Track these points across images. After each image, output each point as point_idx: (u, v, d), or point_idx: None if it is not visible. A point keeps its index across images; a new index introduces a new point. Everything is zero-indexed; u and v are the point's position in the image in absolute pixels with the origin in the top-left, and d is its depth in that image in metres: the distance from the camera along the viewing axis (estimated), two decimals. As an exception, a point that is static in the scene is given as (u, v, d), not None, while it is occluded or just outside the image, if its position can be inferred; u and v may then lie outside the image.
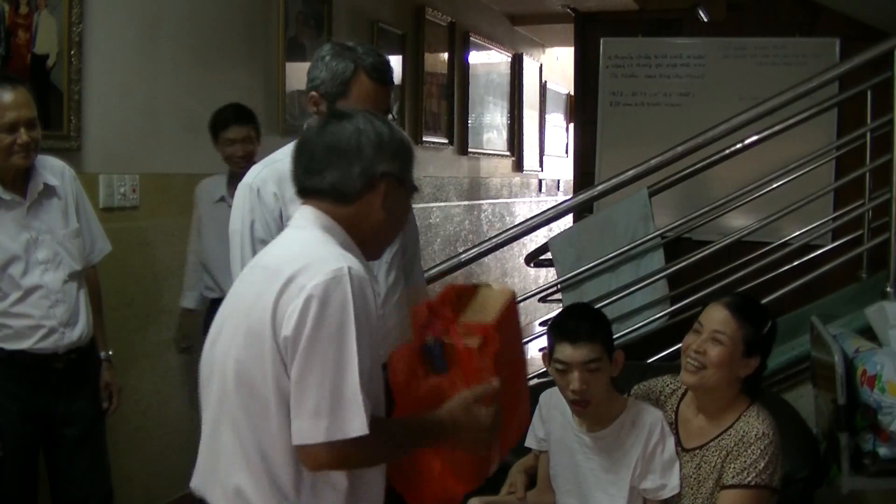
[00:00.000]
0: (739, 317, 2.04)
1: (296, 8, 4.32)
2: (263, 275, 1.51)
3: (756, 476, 1.98)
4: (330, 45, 2.13)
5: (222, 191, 3.42)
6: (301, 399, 1.41)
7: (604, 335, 2.10)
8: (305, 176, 1.59)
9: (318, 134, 1.58)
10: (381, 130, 1.57)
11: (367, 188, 1.56)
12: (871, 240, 3.64)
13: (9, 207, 2.45)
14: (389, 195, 1.58)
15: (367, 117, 1.59)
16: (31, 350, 2.49)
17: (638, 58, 5.47)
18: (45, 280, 2.50)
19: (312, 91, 2.12)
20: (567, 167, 8.03)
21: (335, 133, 1.56)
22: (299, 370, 1.42)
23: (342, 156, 1.55)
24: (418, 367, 1.63)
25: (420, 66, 5.73)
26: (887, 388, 2.33)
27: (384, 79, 2.10)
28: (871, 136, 3.71)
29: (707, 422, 2.11)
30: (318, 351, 1.41)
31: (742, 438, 2.03)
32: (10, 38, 2.88)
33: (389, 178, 1.57)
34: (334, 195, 1.56)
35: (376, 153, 1.55)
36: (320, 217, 1.56)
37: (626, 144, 5.32)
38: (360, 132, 1.55)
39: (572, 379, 2.07)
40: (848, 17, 5.05)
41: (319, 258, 1.47)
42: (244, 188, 2.13)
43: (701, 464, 2.07)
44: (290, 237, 1.60)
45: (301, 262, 1.47)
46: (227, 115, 3.40)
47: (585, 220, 4.16)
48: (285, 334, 1.42)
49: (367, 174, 1.55)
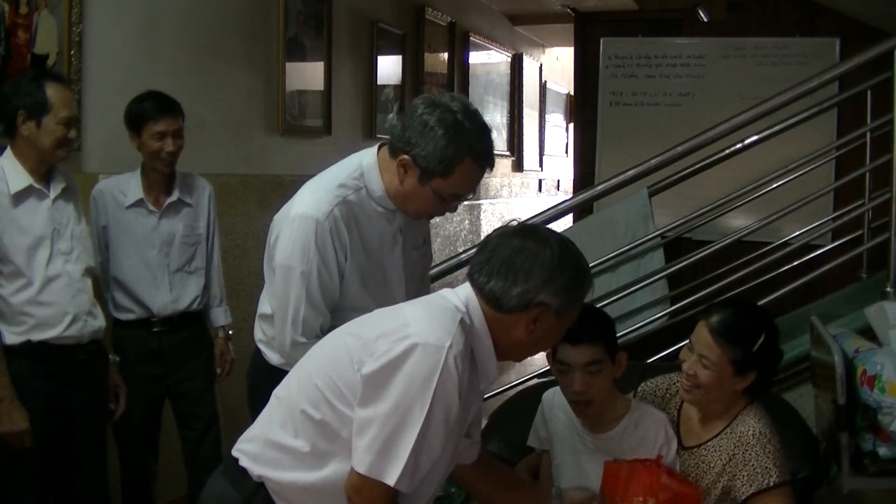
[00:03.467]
0: (722, 341, 1.99)
1: (296, 8, 4.32)
2: (388, 312, 1.68)
3: (776, 476, 1.98)
4: (439, 114, 1.93)
5: (137, 193, 2.92)
6: (362, 431, 1.55)
7: (606, 336, 2.10)
8: (477, 269, 1.67)
9: (505, 239, 1.66)
10: (561, 264, 1.63)
11: (521, 308, 1.63)
12: (871, 240, 3.64)
13: (39, 197, 2.57)
14: (541, 322, 1.65)
15: (560, 246, 1.65)
16: (57, 340, 2.54)
17: (638, 58, 5.48)
18: (68, 269, 2.59)
19: (406, 155, 1.96)
20: (567, 167, 8.04)
21: (517, 249, 1.63)
22: (369, 407, 1.55)
23: (511, 272, 1.62)
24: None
25: (420, 66, 5.73)
26: (887, 388, 2.33)
27: (491, 164, 2.01)
28: (870, 136, 3.71)
29: (707, 421, 2.11)
30: (392, 395, 1.52)
31: (740, 440, 2.02)
32: (10, 38, 2.88)
33: (546, 308, 1.63)
34: (491, 300, 1.64)
35: (544, 283, 1.62)
36: (473, 303, 1.66)
37: (626, 144, 5.32)
38: (541, 261, 1.62)
39: (574, 380, 2.06)
40: (848, 16, 5.05)
41: (436, 325, 1.57)
42: (309, 221, 1.98)
43: (699, 462, 2.07)
44: (435, 298, 1.69)
45: (420, 317, 1.59)
46: (154, 105, 2.89)
47: (585, 220, 4.17)
48: (369, 369, 1.55)
49: (524, 298, 1.62)
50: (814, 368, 2.78)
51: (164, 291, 2.94)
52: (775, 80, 4.51)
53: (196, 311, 3.03)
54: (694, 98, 5.34)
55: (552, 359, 2.13)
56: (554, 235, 1.69)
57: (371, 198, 2.06)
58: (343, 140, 4.83)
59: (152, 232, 2.94)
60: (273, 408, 1.71)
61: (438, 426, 1.54)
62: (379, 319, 1.67)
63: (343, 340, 1.66)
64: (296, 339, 2.00)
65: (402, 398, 1.52)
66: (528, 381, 3.56)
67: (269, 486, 1.65)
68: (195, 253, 3.02)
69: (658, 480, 1.94)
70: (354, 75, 4.95)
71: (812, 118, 3.75)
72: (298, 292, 2.00)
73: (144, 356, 2.90)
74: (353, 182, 2.05)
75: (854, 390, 2.39)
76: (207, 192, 3.09)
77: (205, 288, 3.06)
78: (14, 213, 2.50)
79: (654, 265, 3.69)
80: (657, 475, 1.95)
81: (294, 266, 1.99)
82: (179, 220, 2.99)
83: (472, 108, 1.99)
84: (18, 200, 2.51)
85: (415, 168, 1.95)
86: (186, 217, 3.00)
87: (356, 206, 2.03)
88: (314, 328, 2.02)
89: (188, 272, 3.00)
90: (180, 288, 2.97)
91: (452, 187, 1.98)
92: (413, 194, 2.01)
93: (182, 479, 3.15)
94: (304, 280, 1.99)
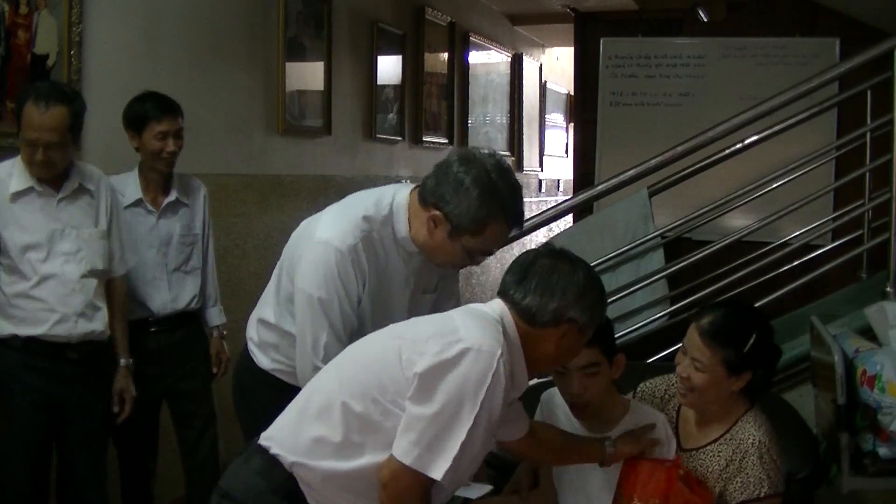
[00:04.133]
0: (713, 343, 1.99)
1: (296, 8, 4.32)
2: (435, 318, 1.81)
3: (767, 487, 1.98)
4: (475, 173, 1.94)
5: (136, 193, 2.93)
6: (411, 426, 1.66)
7: (603, 339, 2.09)
8: (513, 285, 1.80)
9: (540, 260, 1.80)
10: (589, 284, 1.80)
11: (553, 323, 1.77)
12: (871, 240, 3.64)
13: (41, 196, 2.59)
14: (568, 337, 1.79)
15: (587, 268, 1.82)
16: (44, 337, 2.56)
17: (638, 58, 5.47)
18: (65, 270, 2.59)
19: (437, 210, 1.97)
20: (567, 167, 8.03)
21: (551, 268, 1.78)
22: (421, 404, 1.66)
23: (548, 290, 1.76)
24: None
25: (420, 66, 5.73)
26: (887, 388, 2.33)
27: (521, 224, 2.05)
28: (870, 136, 3.71)
29: (706, 424, 2.11)
30: (444, 395, 1.64)
31: (738, 447, 2.02)
32: (10, 38, 2.88)
33: (574, 324, 1.78)
34: (526, 314, 1.77)
35: (576, 301, 1.76)
36: (506, 315, 1.78)
37: (626, 144, 5.32)
38: (574, 280, 1.77)
39: (571, 382, 2.07)
40: (848, 17, 5.05)
41: (487, 333, 1.70)
42: (332, 251, 1.99)
43: (697, 466, 2.07)
44: (477, 309, 1.80)
45: (470, 325, 1.71)
46: (156, 106, 2.90)
47: (585, 220, 4.17)
48: (423, 367, 1.66)
49: (558, 314, 1.76)
50: (814, 368, 2.77)
51: (162, 291, 2.95)
52: (775, 80, 4.51)
53: (193, 311, 3.04)
54: (694, 98, 5.34)
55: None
56: (580, 259, 1.85)
57: (394, 237, 2.06)
58: (343, 140, 4.83)
59: (150, 232, 2.94)
60: (307, 399, 1.80)
61: (482, 428, 1.67)
62: (427, 323, 1.81)
63: (389, 341, 1.77)
64: (317, 364, 2.01)
65: (454, 398, 1.64)
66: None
67: (301, 475, 1.73)
68: (192, 253, 3.03)
69: (674, 485, 1.95)
70: (354, 75, 4.95)
71: (812, 118, 3.75)
72: (321, 320, 2.01)
73: (142, 356, 2.90)
74: (380, 217, 2.04)
75: (854, 390, 2.39)
76: (202, 192, 3.11)
77: (200, 288, 3.06)
78: (14, 209, 2.56)
79: (653, 265, 3.69)
80: (674, 479, 1.96)
81: (316, 294, 2.00)
82: (177, 221, 3.00)
83: (506, 165, 2.01)
84: (17, 199, 2.56)
85: (446, 223, 1.96)
86: (184, 217, 3.01)
87: (377, 242, 2.04)
88: (330, 356, 2.02)
89: (185, 272, 3.01)
90: (178, 287, 2.98)
91: (482, 244, 2.01)
92: (441, 248, 2.03)
93: (180, 480, 3.15)
94: (325, 308, 2.00)
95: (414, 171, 5.77)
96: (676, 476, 1.97)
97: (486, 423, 1.67)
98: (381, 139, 5.26)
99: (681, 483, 1.96)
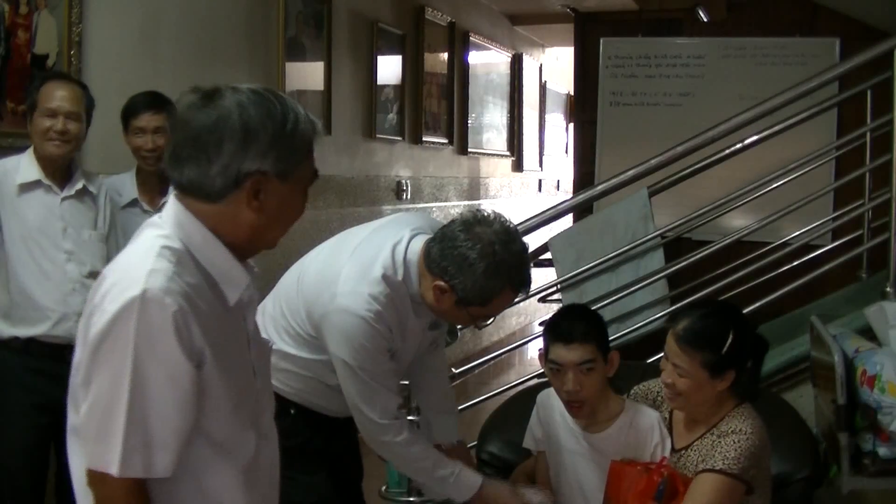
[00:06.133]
0: (690, 348, 1.99)
1: (296, 8, 4.32)
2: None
3: (724, 463, 1.95)
4: (480, 249, 1.90)
5: (132, 193, 2.90)
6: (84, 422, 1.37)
7: (598, 336, 2.10)
8: (168, 164, 1.37)
9: (186, 117, 1.35)
10: (253, 118, 1.33)
11: (231, 187, 1.34)
12: (870, 240, 3.63)
13: (47, 192, 2.62)
14: (264, 194, 1.35)
15: (243, 99, 1.34)
16: (44, 338, 2.57)
17: (638, 58, 5.47)
18: (67, 268, 2.61)
19: (442, 282, 1.94)
20: (567, 167, 8.04)
21: (200, 121, 1.33)
22: (83, 395, 1.36)
23: (201, 150, 1.33)
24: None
25: (420, 66, 5.73)
26: (887, 388, 2.33)
27: (527, 289, 2.04)
28: (870, 136, 3.70)
29: (693, 424, 2.11)
30: (98, 380, 1.31)
31: (720, 436, 2.02)
32: (10, 37, 2.89)
33: (261, 176, 1.34)
34: (194, 192, 1.35)
35: (240, 148, 1.32)
36: (179, 213, 1.37)
37: (626, 144, 5.31)
38: (225, 122, 1.32)
39: (566, 380, 2.07)
40: (848, 17, 5.05)
41: (126, 277, 1.30)
42: (355, 319, 1.96)
43: (686, 464, 2.07)
44: (138, 238, 1.40)
45: (114, 277, 1.33)
46: (136, 101, 2.87)
47: (585, 220, 4.16)
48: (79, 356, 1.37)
49: (227, 174, 1.33)
50: (814, 368, 2.77)
51: None
52: (775, 80, 4.50)
53: None
54: (694, 98, 5.34)
55: (545, 359, 2.14)
56: (229, 89, 1.37)
57: (408, 291, 2.04)
58: (343, 140, 4.83)
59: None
60: None
61: (164, 376, 1.27)
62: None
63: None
64: (379, 421, 2.03)
65: (106, 376, 1.30)
66: (528, 382, 3.56)
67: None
68: None
69: (651, 492, 1.96)
70: (354, 75, 4.95)
71: (812, 118, 3.74)
72: (360, 386, 2.01)
73: None
74: (398, 278, 2.01)
75: (854, 390, 2.39)
76: None
77: None
78: (18, 201, 2.58)
79: (653, 265, 3.68)
80: (652, 487, 1.96)
81: (349, 360, 1.99)
82: None
83: (512, 231, 1.97)
84: (24, 191, 2.59)
85: (452, 294, 1.95)
86: None
87: (398, 301, 2.02)
88: (392, 409, 2.04)
89: None
90: None
91: (488, 311, 2.02)
92: (448, 313, 2.04)
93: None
94: (361, 373, 1.99)
95: (414, 172, 5.77)
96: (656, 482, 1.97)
97: (170, 365, 1.28)
98: (381, 139, 5.26)
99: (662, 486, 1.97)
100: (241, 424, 1.39)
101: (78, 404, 1.36)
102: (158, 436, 1.27)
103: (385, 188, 5.32)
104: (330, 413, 2.19)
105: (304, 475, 2.16)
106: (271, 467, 1.48)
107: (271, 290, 2.24)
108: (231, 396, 1.35)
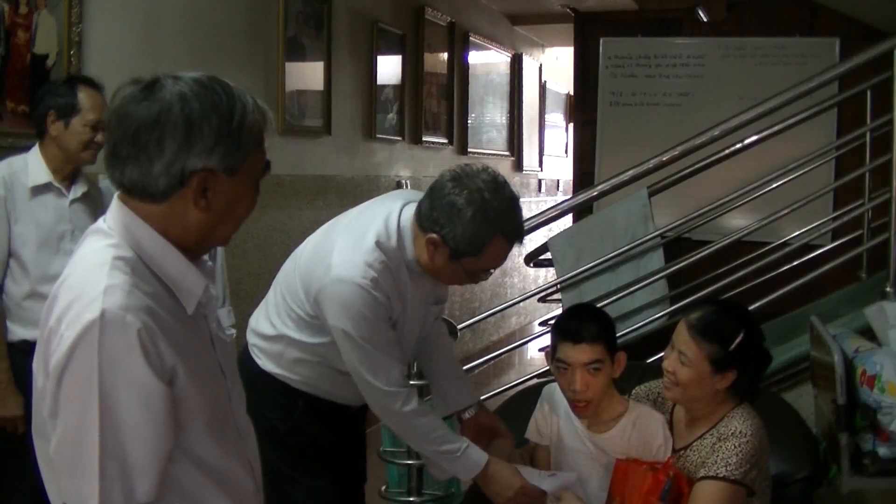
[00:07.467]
0: (700, 338, 1.99)
1: (296, 8, 4.32)
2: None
3: (726, 469, 1.96)
4: (467, 195, 1.90)
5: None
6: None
7: (606, 336, 2.10)
8: (107, 163, 1.28)
9: (125, 112, 1.26)
10: (196, 111, 1.24)
11: (176, 186, 1.26)
12: (870, 240, 3.64)
13: (57, 195, 2.66)
14: (211, 192, 1.27)
15: (185, 91, 1.25)
16: None
17: (638, 58, 5.48)
18: None
19: (435, 235, 1.93)
20: (567, 167, 8.04)
21: (139, 116, 1.24)
22: (52, 426, 1.24)
23: (142, 148, 1.24)
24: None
25: (420, 66, 5.73)
26: (887, 388, 2.33)
27: (521, 239, 2.01)
28: (870, 136, 3.71)
29: (692, 424, 2.11)
30: (65, 412, 1.21)
31: (720, 438, 2.02)
32: (9, 37, 2.88)
33: (208, 174, 1.26)
34: (138, 193, 1.27)
35: (183, 145, 1.24)
36: (126, 217, 1.29)
37: (625, 144, 5.32)
38: (166, 117, 1.23)
39: (573, 379, 2.07)
40: (848, 16, 5.06)
41: (81, 297, 1.20)
42: (351, 287, 1.94)
43: (685, 464, 2.07)
44: (85, 249, 1.30)
45: (68, 297, 1.22)
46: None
47: (585, 220, 4.16)
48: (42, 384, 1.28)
49: (170, 173, 1.24)
50: (813, 368, 2.77)
51: None
52: (775, 80, 4.51)
53: None
54: (694, 98, 5.34)
55: (551, 358, 2.13)
56: (170, 79, 1.29)
57: (404, 259, 2.03)
58: (343, 140, 4.83)
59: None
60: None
61: (136, 398, 1.19)
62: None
63: None
64: (384, 389, 2.01)
65: (74, 407, 1.20)
66: (528, 382, 3.56)
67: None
68: None
69: (657, 492, 1.96)
70: (354, 75, 4.95)
71: (812, 118, 3.74)
72: (361, 355, 1.99)
73: None
74: (392, 244, 2.00)
75: (854, 390, 2.39)
76: None
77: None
78: (30, 204, 2.60)
79: (653, 265, 3.68)
80: (658, 487, 1.97)
81: (349, 330, 1.96)
82: None
83: (501, 180, 1.97)
84: (35, 194, 2.61)
85: (444, 247, 1.94)
86: None
87: (394, 269, 2.01)
88: (397, 378, 2.02)
89: None
90: None
91: (483, 264, 1.99)
92: (443, 271, 2.01)
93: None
94: (362, 342, 1.97)
95: (414, 172, 5.77)
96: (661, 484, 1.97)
97: (137, 387, 1.19)
98: (380, 139, 5.26)
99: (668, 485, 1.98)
100: (224, 448, 1.33)
101: (48, 435, 1.25)
102: (137, 463, 1.19)
103: (385, 188, 5.32)
104: (341, 400, 2.17)
105: (310, 478, 2.15)
106: (253, 460, 1.44)
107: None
108: (208, 405, 1.29)
